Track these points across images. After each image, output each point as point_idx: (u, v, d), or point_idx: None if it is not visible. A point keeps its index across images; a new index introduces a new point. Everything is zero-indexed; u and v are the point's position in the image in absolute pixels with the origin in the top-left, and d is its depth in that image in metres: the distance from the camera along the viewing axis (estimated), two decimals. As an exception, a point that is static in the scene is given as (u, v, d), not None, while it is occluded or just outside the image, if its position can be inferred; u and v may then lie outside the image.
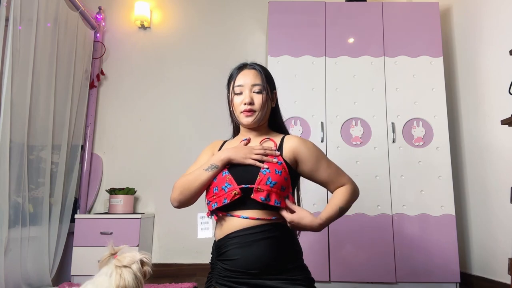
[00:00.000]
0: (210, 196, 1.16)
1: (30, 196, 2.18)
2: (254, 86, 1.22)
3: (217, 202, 1.13)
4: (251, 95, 1.21)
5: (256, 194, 1.10)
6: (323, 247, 2.30)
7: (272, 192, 1.11)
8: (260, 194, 1.10)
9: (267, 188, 1.10)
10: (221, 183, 1.14)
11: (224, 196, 1.12)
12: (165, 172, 2.94)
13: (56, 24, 2.42)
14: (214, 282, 1.13)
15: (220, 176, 1.15)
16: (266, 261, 1.08)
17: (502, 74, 2.18)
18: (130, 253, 1.06)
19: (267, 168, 1.12)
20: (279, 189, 1.12)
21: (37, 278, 2.15)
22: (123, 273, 1.00)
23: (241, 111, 1.22)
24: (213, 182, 1.15)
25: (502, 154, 2.16)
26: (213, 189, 1.15)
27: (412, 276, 2.26)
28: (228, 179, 1.13)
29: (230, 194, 1.11)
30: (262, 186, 1.10)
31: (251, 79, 1.23)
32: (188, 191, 1.18)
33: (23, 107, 2.10)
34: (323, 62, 2.52)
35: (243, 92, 1.22)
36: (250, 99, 1.21)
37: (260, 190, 1.10)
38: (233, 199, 1.11)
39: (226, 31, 3.17)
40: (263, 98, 1.22)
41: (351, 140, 2.43)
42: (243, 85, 1.22)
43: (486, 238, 2.28)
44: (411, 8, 2.60)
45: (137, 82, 3.10)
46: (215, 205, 1.14)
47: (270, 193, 1.10)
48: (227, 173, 1.14)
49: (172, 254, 2.84)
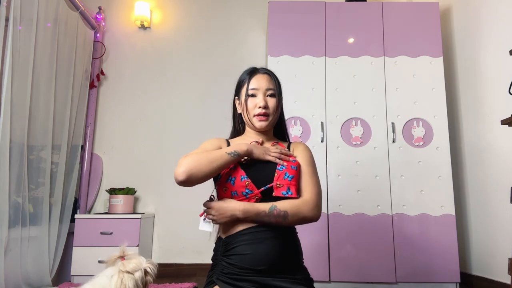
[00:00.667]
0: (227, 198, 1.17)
1: (30, 196, 2.18)
2: (268, 90, 1.26)
3: None
4: (265, 99, 1.24)
5: (278, 190, 1.13)
6: (323, 247, 2.30)
7: (292, 185, 1.14)
8: (281, 189, 1.13)
9: (286, 182, 1.13)
10: (241, 189, 1.14)
11: (246, 201, 1.14)
12: (165, 172, 2.94)
13: (56, 24, 2.42)
14: (215, 278, 1.13)
15: (238, 181, 1.14)
16: (273, 259, 1.09)
17: (502, 74, 2.18)
18: (137, 260, 1.07)
19: (283, 165, 1.16)
20: (297, 182, 1.16)
21: (37, 278, 2.15)
22: (125, 279, 1.01)
23: (255, 115, 1.24)
24: (230, 185, 1.15)
25: (502, 154, 2.16)
26: (231, 193, 1.15)
27: (412, 276, 2.26)
28: (248, 185, 1.14)
29: (252, 200, 1.14)
30: (281, 181, 1.14)
31: (266, 83, 1.26)
32: (205, 167, 1.09)
33: (23, 107, 2.10)
34: (323, 62, 2.52)
35: (257, 95, 1.25)
36: (265, 102, 1.23)
37: (280, 185, 1.13)
38: None
39: (226, 31, 3.17)
40: (276, 102, 1.26)
41: (351, 140, 2.43)
42: (258, 88, 1.25)
43: (486, 238, 2.28)
44: (411, 8, 2.60)
45: (137, 82, 3.10)
46: None
47: (290, 186, 1.14)
48: (246, 178, 1.14)
49: (172, 254, 2.85)
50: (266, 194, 1.14)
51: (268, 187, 1.14)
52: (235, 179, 1.15)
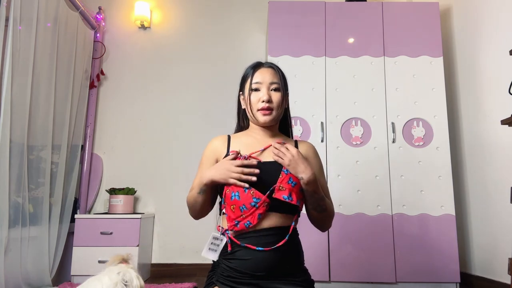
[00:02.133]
0: (238, 216, 1.09)
1: (30, 196, 2.18)
2: (272, 84, 1.21)
3: (250, 219, 1.08)
4: (269, 93, 1.19)
5: (279, 193, 1.08)
6: (323, 247, 2.30)
7: (293, 191, 1.09)
8: (283, 193, 1.08)
9: (289, 187, 1.09)
10: (249, 200, 1.08)
11: (256, 211, 1.08)
12: (165, 172, 2.94)
13: (56, 24, 2.42)
14: (215, 280, 1.12)
15: (243, 193, 1.09)
16: (274, 265, 1.08)
17: (502, 74, 2.18)
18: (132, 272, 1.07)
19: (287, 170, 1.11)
20: (299, 190, 1.11)
21: (37, 278, 2.15)
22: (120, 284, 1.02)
23: (258, 109, 1.19)
24: (236, 200, 1.09)
25: (502, 154, 2.16)
26: (239, 209, 1.09)
27: (412, 276, 2.26)
28: (254, 193, 1.09)
29: (261, 208, 1.09)
30: (284, 185, 1.09)
31: (269, 77, 1.21)
32: (194, 211, 1.21)
33: (23, 107, 2.10)
34: (323, 62, 2.52)
35: (260, 89, 1.20)
36: (268, 96, 1.18)
37: (283, 188, 1.09)
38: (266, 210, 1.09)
39: (226, 31, 3.17)
40: (281, 96, 1.21)
41: (351, 140, 2.43)
42: (262, 82, 1.20)
43: (486, 238, 2.28)
44: (411, 8, 2.60)
45: (137, 82, 3.10)
46: (248, 223, 1.08)
47: (292, 193, 1.09)
48: (249, 187, 1.09)
49: (172, 254, 2.84)
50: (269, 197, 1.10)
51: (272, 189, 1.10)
52: (239, 193, 1.09)
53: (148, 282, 2.55)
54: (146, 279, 2.65)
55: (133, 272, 1.06)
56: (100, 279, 1.02)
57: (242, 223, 1.09)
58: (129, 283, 1.03)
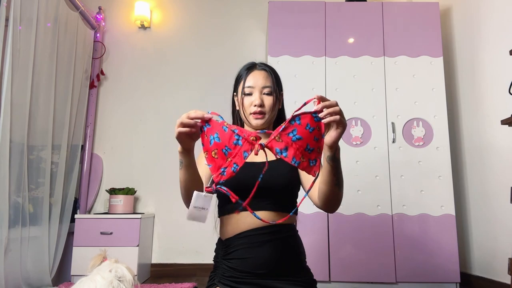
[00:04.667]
0: (223, 163, 0.90)
1: (30, 196, 2.18)
2: (264, 88, 1.21)
3: (236, 161, 0.89)
4: (261, 97, 1.20)
5: (272, 143, 0.87)
6: (323, 247, 2.30)
7: (292, 147, 0.88)
8: (277, 145, 0.88)
9: (286, 140, 0.88)
10: (231, 139, 0.89)
11: (241, 149, 0.89)
12: (165, 172, 2.94)
13: (56, 24, 2.42)
14: (217, 281, 1.12)
15: (223, 133, 0.90)
16: (274, 263, 1.08)
17: (502, 74, 2.18)
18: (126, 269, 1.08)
19: (298, 118, 0.91)
20: (303, 148, 0.89)
21: (37, 278, 2.15)
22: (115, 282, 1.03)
23: (251, 113, 1.20)
24: (218, 143, 0.90)
25: (502, 154, 2.16)
26: (222, 152, 0.90)
27: (412, 276, 2.26)
28: (238, 129, 0.89)
29: (247, 144, 0.88)
30: (282, 136, 0.88)
31: (262, 81, 1.21)
32: (183, 193, 1.08)
33: (23, 107, 2.10)
34: (323, 62, 2.52)
35: (253, 94, 1.21)
36: (261, 101, 1.19)
37: (279, 140, 0.88)
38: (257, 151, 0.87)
39: (226, 31, 3.17)
40: (273, 100, 1.21)
41: (351, 140, 2.43)
42: (254, 86, 1.21)
43: (486, 238, 2.28)
44: (411, 8, 2.60)
45: (137, 82, 3.10)
46: (236, 166, 0.88)
47: (289, 148, 0.88)
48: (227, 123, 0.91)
49: (172, 254, 2.84)
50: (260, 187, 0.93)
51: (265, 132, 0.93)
52: (218, 134, 0.90)
53: (148, 282, 2.55)
54: (146, 279, 2.65)
55: (123, 266, 1.07)
56: (93, 279, 1.02)
57: (229, 168, 0.89)
58: (123, 278, 1.04)
